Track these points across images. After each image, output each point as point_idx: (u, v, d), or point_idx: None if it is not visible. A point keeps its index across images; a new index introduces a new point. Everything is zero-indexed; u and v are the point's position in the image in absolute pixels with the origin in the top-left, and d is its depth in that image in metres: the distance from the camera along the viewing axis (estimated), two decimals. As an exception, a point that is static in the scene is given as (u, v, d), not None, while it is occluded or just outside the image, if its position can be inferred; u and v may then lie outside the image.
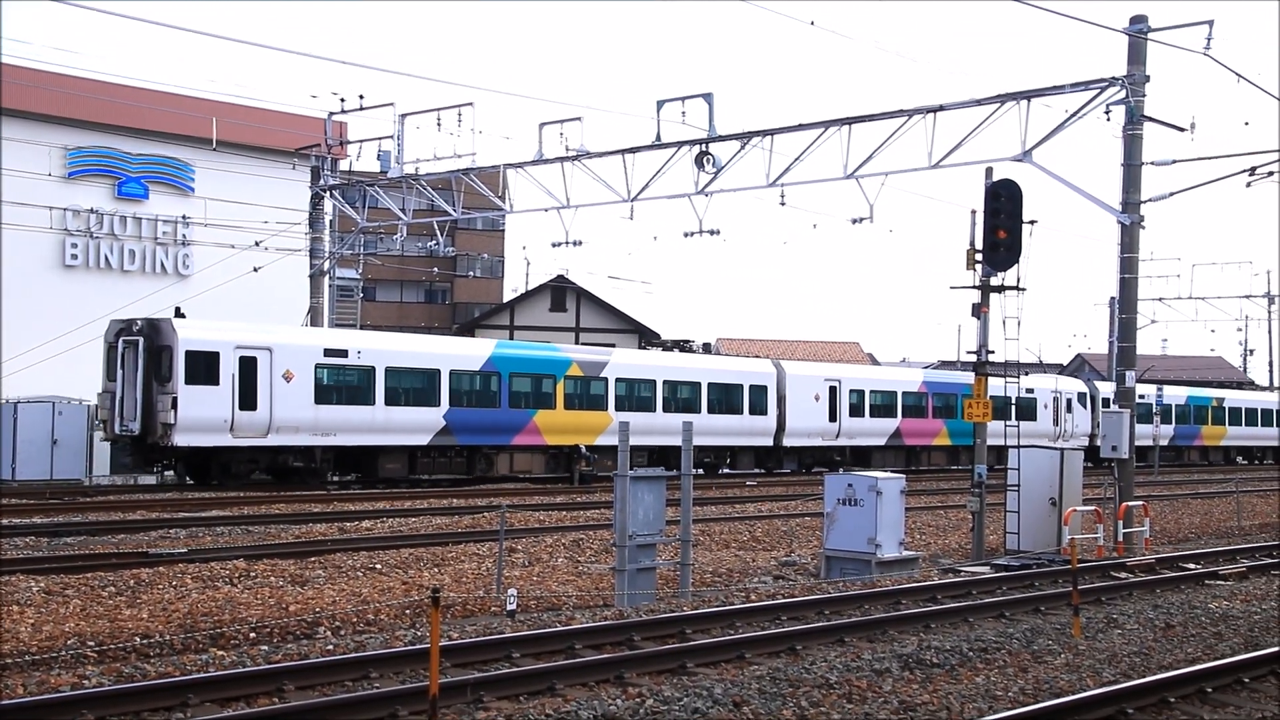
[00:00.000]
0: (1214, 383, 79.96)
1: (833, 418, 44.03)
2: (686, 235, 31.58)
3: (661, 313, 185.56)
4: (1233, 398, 66.38)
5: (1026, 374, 64.47)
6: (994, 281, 21.25)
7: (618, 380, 38.29)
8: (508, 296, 73.02)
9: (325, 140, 37.79)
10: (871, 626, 13.85)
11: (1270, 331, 78.85)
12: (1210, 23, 22.95)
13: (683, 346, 44.60)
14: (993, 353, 21.45)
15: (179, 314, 31.17)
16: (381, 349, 33.59)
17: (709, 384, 40.76)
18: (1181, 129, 24.64)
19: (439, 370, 34.14)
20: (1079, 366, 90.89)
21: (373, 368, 32.81)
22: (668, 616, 13.84)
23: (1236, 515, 30.36)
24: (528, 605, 15.54)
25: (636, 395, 38.82)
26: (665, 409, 39.13)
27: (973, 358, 22.03)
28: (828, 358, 66.17)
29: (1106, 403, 54.91)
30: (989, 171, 22.45)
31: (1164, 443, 58.59)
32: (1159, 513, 29.35)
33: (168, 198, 44.32)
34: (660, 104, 30.41)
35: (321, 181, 38.76)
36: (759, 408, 42.05)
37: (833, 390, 44.08)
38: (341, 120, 38.25)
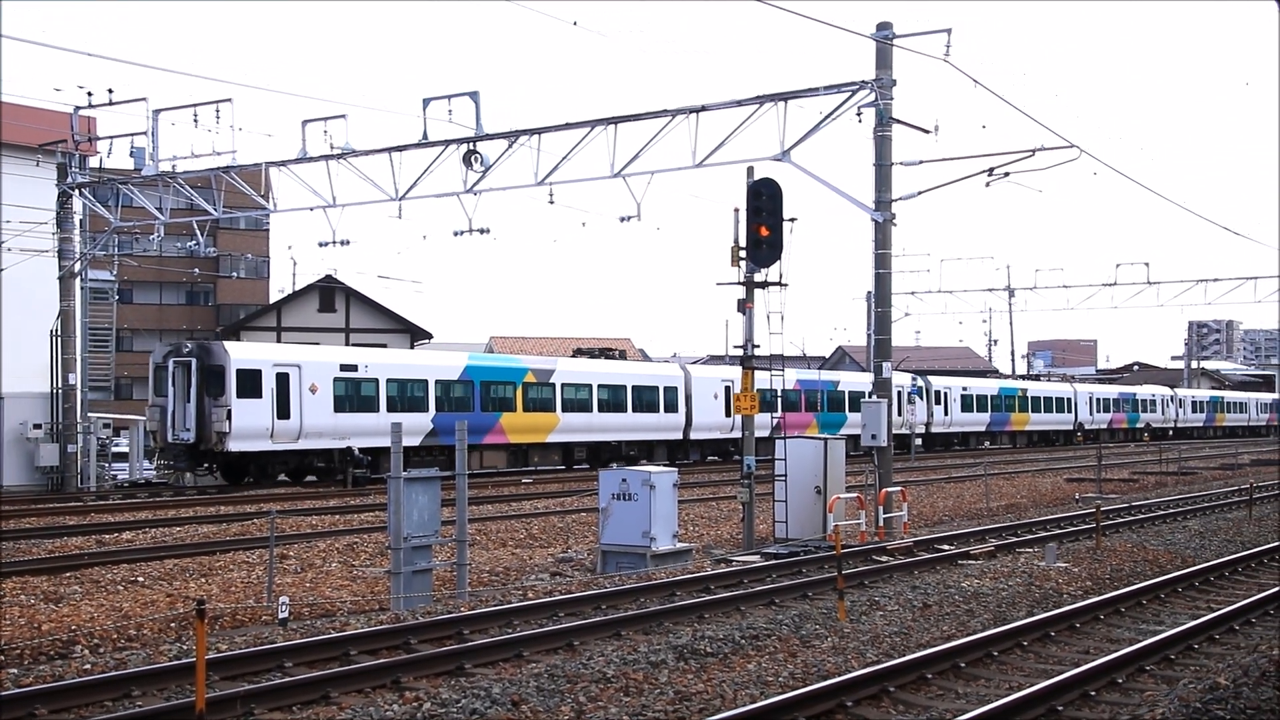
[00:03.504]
0: (968, 372, 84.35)
1: (728, 413, 48.35)
2: (456, 234, 31.31)
3: (433, 312, 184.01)
4: (1034, 388, 72.95)
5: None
6: (758, 278, 21.84)
7: (564, 385, 42.84)
8: (274, 297, 71.01)
9: (72, 136, 35.79)
10: (647, 619, 14.08)
11: (1011, 323, 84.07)
12: (949, 31, 23.96)
13: (608, 354, 48.44)
14: (758, 347, 22.07)
15: (219, 336, 35.46)
16: (384, 363, 38.36)
17: (633, 386, 45.57)
18: (927, 131, 25.72)
19: (428, 380, 38.74)
20: (840, 359, 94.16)
21: (377, 379, 37.21)
22: (445, 618, 13.77)
23: (985, 498, 32.04)
24: (301, 613, 15.21)
25: (578, 398, 43.43)
26: (600, 409, 44.09)
27: (740, 351, 22.59)
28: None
29: (940, 395, 59.85)
30: (750, 171, 23.08)
31: (981, 429, 66.03)
32: (916, 497, 30.74)
33: (-105, 196, 41.36)
34: (426, 102, 30.03)
35: (69, 179, 36.84)
36: (672, 406, 47.07)
37: (728, 389, 48.59)
38: (90, 115, 36.35)
